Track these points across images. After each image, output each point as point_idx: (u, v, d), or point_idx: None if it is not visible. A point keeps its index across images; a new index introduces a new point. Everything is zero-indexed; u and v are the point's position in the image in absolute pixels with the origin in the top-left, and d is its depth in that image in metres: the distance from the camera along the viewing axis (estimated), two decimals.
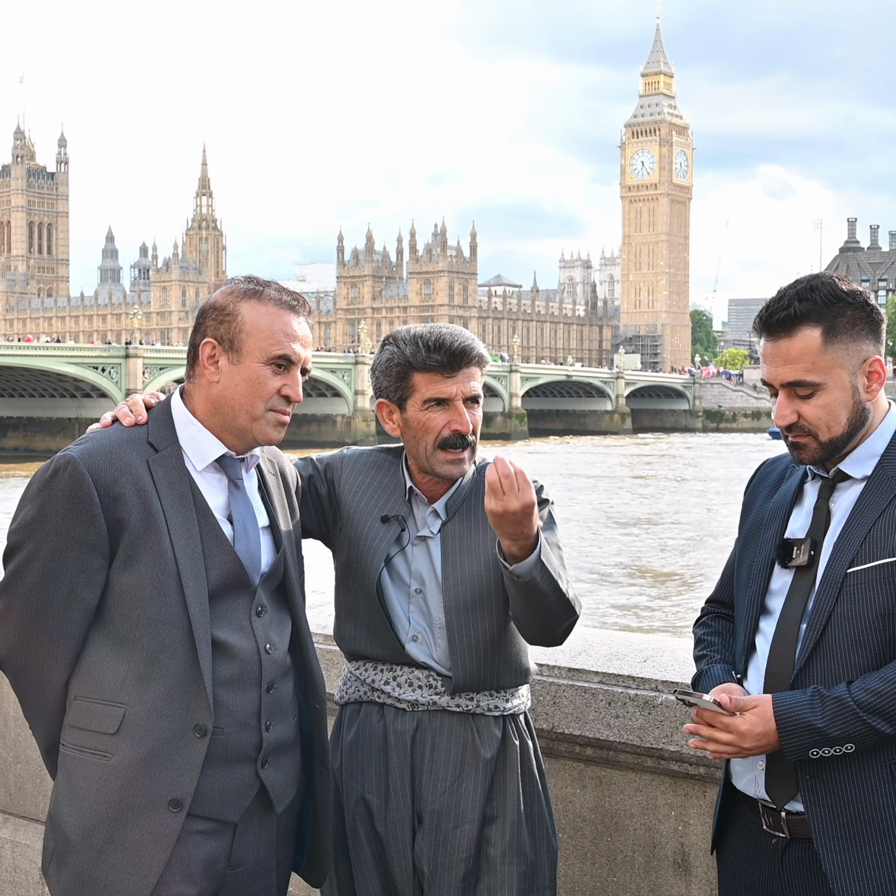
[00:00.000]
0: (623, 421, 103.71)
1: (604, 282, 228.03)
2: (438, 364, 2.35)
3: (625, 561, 25.27)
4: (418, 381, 2.37)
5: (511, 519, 2.17)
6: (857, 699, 1.93)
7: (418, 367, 2.36)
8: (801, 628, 2.05)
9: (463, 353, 2.36)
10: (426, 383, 2.37)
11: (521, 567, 2.22)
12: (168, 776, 2.05)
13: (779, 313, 2.07)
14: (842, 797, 2.00)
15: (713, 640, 2.29)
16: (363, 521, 2.47)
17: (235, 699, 2.12)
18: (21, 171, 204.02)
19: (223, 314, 2.15)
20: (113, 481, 2.06)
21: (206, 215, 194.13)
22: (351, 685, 2.50)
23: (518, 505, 2.15)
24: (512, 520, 2.17)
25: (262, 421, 2.15)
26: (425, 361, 2.36)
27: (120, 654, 2.08)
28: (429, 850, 2.38)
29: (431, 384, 2.37)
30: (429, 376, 2.36)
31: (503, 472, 2.15)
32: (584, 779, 2.81)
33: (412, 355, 2.37)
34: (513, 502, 2.15)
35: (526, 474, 2.18)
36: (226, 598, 2.13)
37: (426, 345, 2.36)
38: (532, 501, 2.16)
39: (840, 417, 2.06)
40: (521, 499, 2.15)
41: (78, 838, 2.06)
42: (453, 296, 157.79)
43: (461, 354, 2.36)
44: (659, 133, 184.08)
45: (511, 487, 2.15)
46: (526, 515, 2.17)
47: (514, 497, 2.15)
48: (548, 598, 2.26)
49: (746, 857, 2.16)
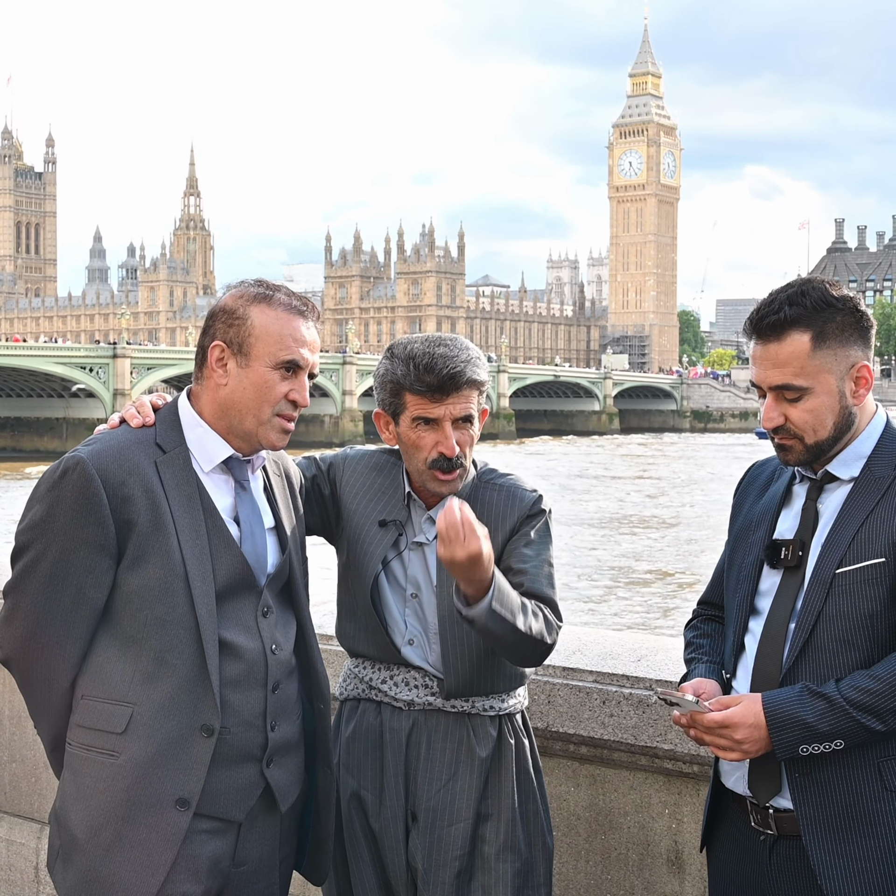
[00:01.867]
0: (611, 421, 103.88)
1: (592, 282, 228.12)
2: (427, 388, 2.35)
3: (622, 561, 25.33)
4: (408, 399, 2.39)
5: (459, 566, 2.16)
6: (847, 696, 1.96)
7: (408, 387, 2.38)
8: (789, 628, 2.08)
9: (452, 379, 2.35)
10: (415, 403, 2.38)
11: (473, 612, 2.20)
12: (175, 775, 2.06)
13: (769, 317, 2.10)
14: (830, 794, 2.02)
15: (702, 643, 2.32)
16: (362, 524, 2.49)
17: (242, 699, 2.14)
18: (8, 170, 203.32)
19: (233, 317, 2.16)
20: (121, 482, 2.07)
21: (194, 215, 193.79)
22: (350, 682, 2.52)
23: (464, 554, 2.13)
24: (460, 567, 2.16)
25: (268, 426, 2.16)
26: (413, 385, 2.36)
27: (127, 654, 2.09)
28: (423, 847, 2.40)
29: (419, 405, 2.37)
30: (418, 398, 2.37)
31: (449, 520, 2.11)
32: (579, 777, 2.84)
33: (403, 376, 2.38)
34: (458, 552, 2.12)
35: (474, 522, 2.13)
36: (232, 598, 2.15)
37: (417, 367, 2.35)
38: (478, 551, 2.12)
39: (826, 421, 2.09)
40: (466, 548, 2.12)
41: (85, 837, 2.08)
42: (441, 296, 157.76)
43: (450, 381, 2.35)
44: (647, 133, 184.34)
45: (457, 536, 2.12)
46: (473, 563, 2.14)
47: (460, 546, 2.12)
48: (505, 638, 2.26)
49: (735, 854, 2.18)
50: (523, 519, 2.46)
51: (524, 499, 2.47)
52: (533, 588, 2.38)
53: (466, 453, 2.41)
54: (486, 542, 2.15)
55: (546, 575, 2.42)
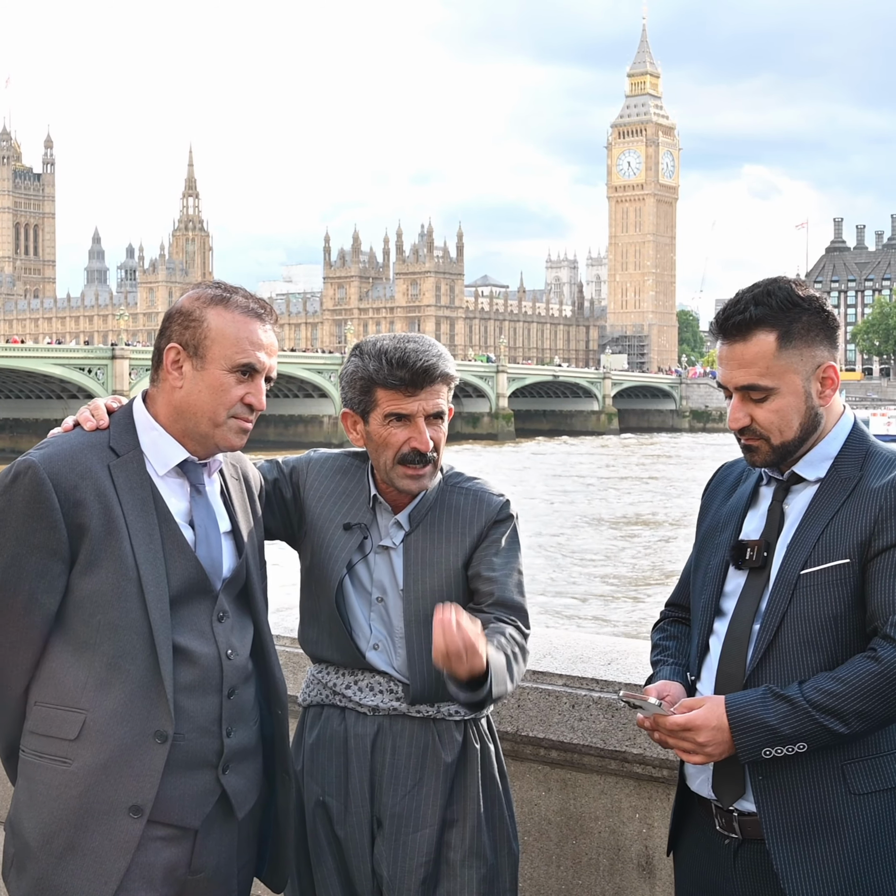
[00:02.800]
0: (610, 421, 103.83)
1: (590, 282, 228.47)
2: (401, 382, 2.33)
3: (602, 558, 25.37)
4: (380, 396, 2.36)
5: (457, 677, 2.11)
6: (810, 698, 1.94)
7: (380, 383, 2.35)
8: (753, 629, 2.07)
9: (426, 372, 2.34)
10: (387, 399, 2.35)
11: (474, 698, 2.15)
12: (128, 782, 2.04)
13: (734, 317, 2.08)
14: (794, 797, 2.01)
15: (668, 645, 2.30)
16: (326, 528, 2.46)
17: (196, 705, 2.11)
18: (7, 172, 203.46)
19: (189, 319, 2.14)
20: (73, 486, 2.05)
21: (193, 216, 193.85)
22: (314, 688, 2.50)
23: (464, 672, 2.08)
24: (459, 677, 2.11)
25: (224, 427, 2.14)
26: (387, 379, 2.34)
27: (80, 660, 2.07)
28: (388, 854, 2.37)
29: (392, 400, 2.35)
30: (390, 393, 2.35)
31: (452, 648, 2.02)
32: (550, 781, 2.82)
33: (375, 371, 2.35)
34: (461, 671, 2.07)
35: (477, 644, 2.04)
36: (187, 603, 2.12)
37: (389, 361, 2.33)
38: (481, 667, 2.07)
39: (792, 422, 2.07)
40: (469, 668, 2.07)
41: (38, 845, 2.05)
42: (440, 296, 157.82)
43: (423, 374, 2.34)
44: (645, 133, 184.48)
45: (459, 660, 2.06)
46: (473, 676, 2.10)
47: (462, 667, 2.07)
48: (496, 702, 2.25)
49: (701, 858, 2.17)
50: (491, 524, 2.44)
51: (491, 503, 2.45)
52: (503, 597, 2.37)
53: (439, 450, 2.40)
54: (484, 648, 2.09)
55: (516, 583, 2.40)
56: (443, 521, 2.43)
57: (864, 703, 1.92)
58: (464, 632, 2.03)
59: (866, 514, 2.01)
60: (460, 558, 2.40)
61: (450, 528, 2.43)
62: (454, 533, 2.42)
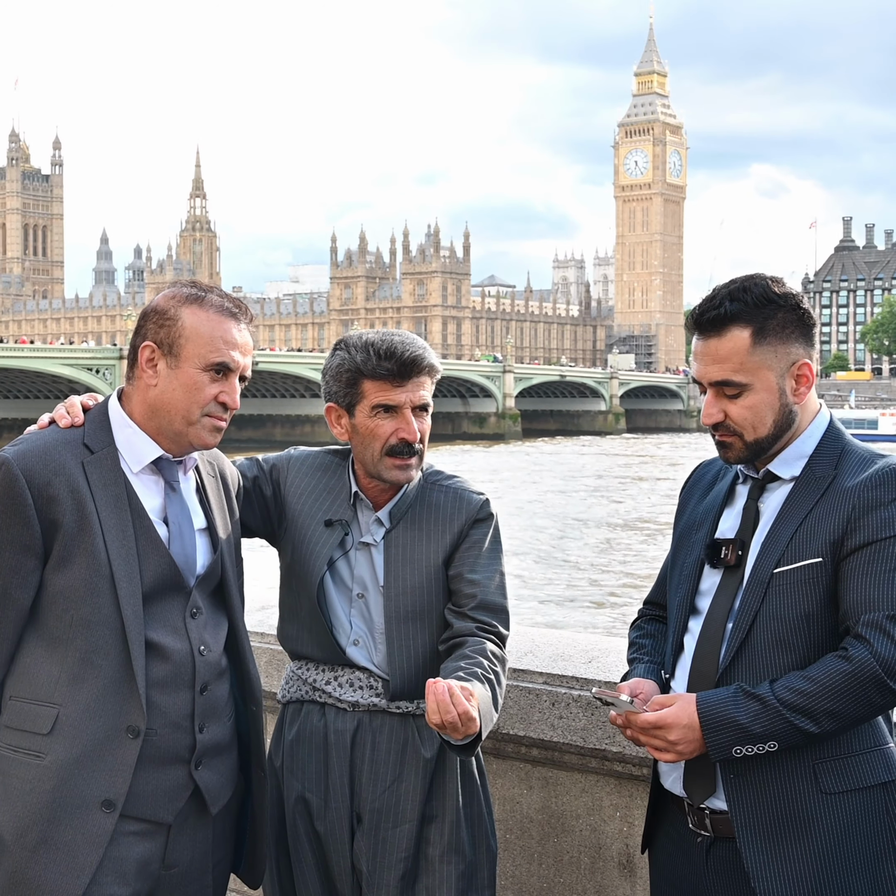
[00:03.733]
0: (617, 421, 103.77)
1: (598, 281, 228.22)
2: (388, 372, 2.35)
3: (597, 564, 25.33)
4: (368, 387, 2.37)
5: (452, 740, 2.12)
6: (780, 697, 1.93)
7: (368, 374, 2.36)
8: (727, 628, 2.06)
9: (413, 362, 2.36)
10: (375, 390, 2.37)
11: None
12: (101, 777, 2.06)
13: (709, 312, 2.08)
14: (765, 796, 2.01)
15: (644, 643, 2.30)
16: (307, 525, 2.47)
17: (168, 700, 2.13)
18: (16, 173, 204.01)
19: (164, 318, 2.15)
20: (47, 482, 2.06)
21: (200, 217, 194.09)
22: (293, 684, 2.50)
23: (461, 738, 2.08)
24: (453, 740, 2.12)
25: (198, 426, 2.16)
26: (375, 369, 2.35)
27: (53, 655, 2.09)
28: (367, 849, 2.39)
29: (380, 391, 2.36)
30: (378, 384, 2.36)
31: (447, 720, 2.02)
32: (531, 779, 2.82)
33: (363, 362, 2.36)
34: (456, 736, 2.08)
35: (471, 710, 2.04)
36: (160, 599, 2.14)
37: (377, 352, 2.35)
38: (475, 732, 2.07)
39: (766, 419, 2.07)
40: (465, 733, 2.07)
41: (12, 838, 2.07)
42: (447, 296, 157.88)
43: (411, 364, 2.36)
44: (652, 132, 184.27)
45: (455, 729, 2.06)
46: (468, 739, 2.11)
47: (458, 733, 2.07)
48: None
49: (675, 855, 2.17)
50: (471, 522, 2.45)
51: (471, 501, 2.47)
52: (486, 599, 2.38)
53: (425, 442, 2.42)
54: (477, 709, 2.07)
55: (498, 585, 2.41)
56: (423, 518, 2.44)
57: (834, 703, 1.92)
58: (458, 700, 2.03)
59: (839, 512, 2.01)
60: (441, 555, 2.42)
61: (430, 526, 2.44)
62: (435, 530, 2.43)
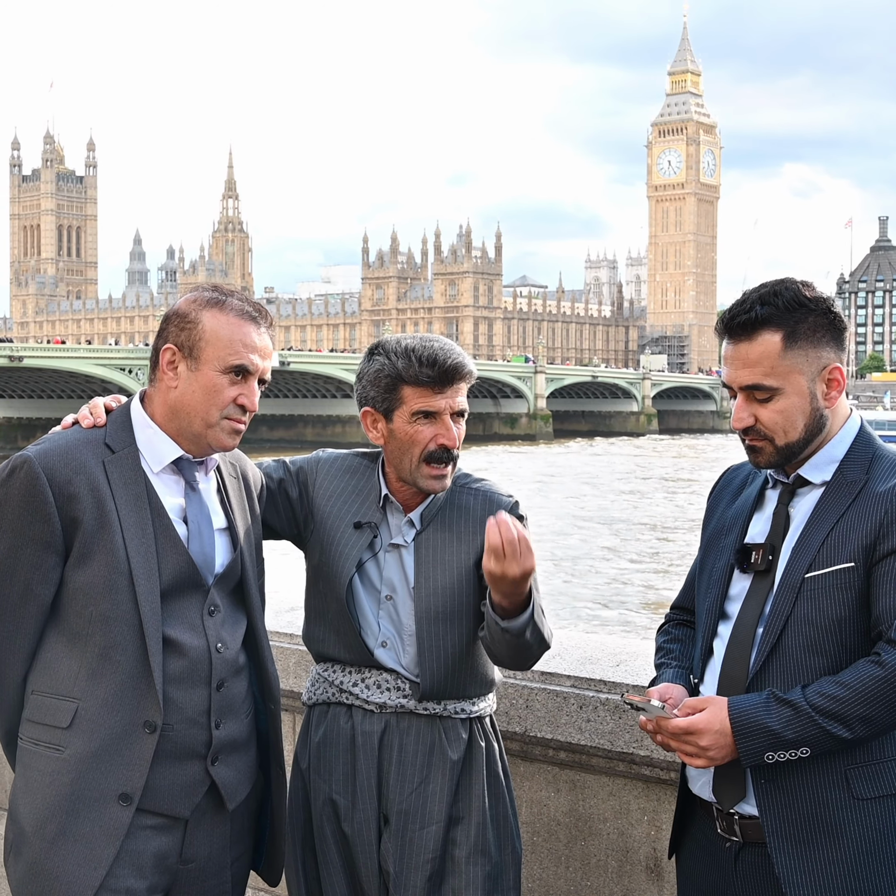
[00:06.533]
0: (649, 422, 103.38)
1: (630, 282, 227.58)
2: (430, 380, 2.36)
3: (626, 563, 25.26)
4: (408, 393, 2.38)
5: (509, 581, 2.17)
6: (813, 703, 1.92)
7: (409, 380, 2.37)
8: (757, 632, 2.05)
9: (455, 370, 2.37)
10: (416, 396, 2.37)
11: (514, 625, 2.23)
12: (118, 770, 2.09)
13: (740, 316, 2.07)
14: (796, 802, 1.99)
15: (672, 648, 2.29)
16: (336, 527, 2.48)
17: (185, 696, 2.16)
18: (50, 175, 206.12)
19: (185, 321, 2.18)
20: (67, 481, 2.10)
21: (233, 217, 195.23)
22: (319, 686, 2.51)
23: (519, 571, 2.13)
24: (510, 582, 2.17)
25: (217, 428, 2.19)
26: (417, 376, 2.36)
27: (73, 650, 2.13)
28: (395, 850, 2.39)
29: (421, 398, 2.37)
30: (419, 390, 2.37)
31: (507, 537, 2.10)
32: (559, 782, 2.81)
33: (404, 369, 2.37)
34: (513, 568, 2.13)
35: (529, 540, 2.13)
36: (178, 596, 2.17)
37: (419, 359, 2.36)
38: (533, 567, 2.13)
39: (797, 423, 2.06)
40: (522, 565, 2.13)
41: (32, 830, 2.11)
42: (478, 297, 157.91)
43: (453, 371, 2.37)
44: (686, 132, 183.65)
45: (514, 553, 2.11)
46: (524, 580, 2.16)
47: (516, 563, 2.12)
48: (532, 647, 2.30)
49: (702, 861, 2.15)
50: None
51: (501, 503, 2.47)
52: None
53: (459, 448, 2.43)
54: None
55: (531, 580, 2.41)
56: (454, 520, 2.45)
57: (867, 708, 1.90)
58: (520, 531, 2.12)
59: (871, 517, 1.99)
60: (472, 557, 2.42)
61: (461, 528, 2.44)
62: (465, 532, 2.44)
